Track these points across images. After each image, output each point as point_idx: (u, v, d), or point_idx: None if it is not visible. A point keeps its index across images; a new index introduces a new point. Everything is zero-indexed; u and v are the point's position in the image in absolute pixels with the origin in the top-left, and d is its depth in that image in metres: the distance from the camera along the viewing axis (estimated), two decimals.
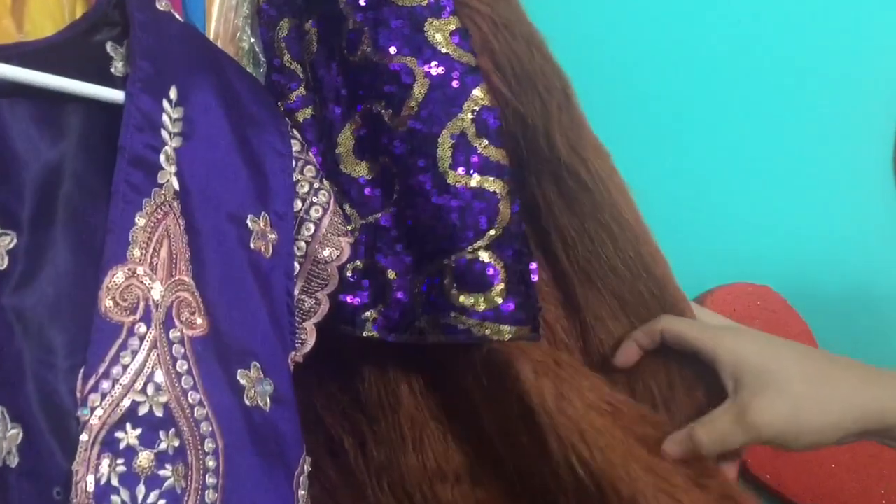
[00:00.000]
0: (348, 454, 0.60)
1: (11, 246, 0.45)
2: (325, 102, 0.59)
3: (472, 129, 0.55)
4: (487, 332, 0.53)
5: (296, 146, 0.57)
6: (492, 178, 0.55)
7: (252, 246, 0.53)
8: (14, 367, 0.43)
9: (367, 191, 0.58)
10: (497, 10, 0.58)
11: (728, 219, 0.83)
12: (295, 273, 0.55)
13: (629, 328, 0.59)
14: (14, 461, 0.42)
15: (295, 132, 0.58)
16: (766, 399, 0.53)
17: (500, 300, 0.53)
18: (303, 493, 0.51)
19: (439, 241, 0.55)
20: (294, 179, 0.56)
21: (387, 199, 0.57)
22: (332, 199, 0.57)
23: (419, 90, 0.55)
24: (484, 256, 0.54)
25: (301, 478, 0.51)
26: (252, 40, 0.60)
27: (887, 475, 0.80)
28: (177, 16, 0.54)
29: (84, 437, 0.42)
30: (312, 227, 0.56)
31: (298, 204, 0.56)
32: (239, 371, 0.49)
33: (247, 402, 0.49)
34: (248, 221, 0.53)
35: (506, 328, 0.53)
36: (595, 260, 0.59)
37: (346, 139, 0.58)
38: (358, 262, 0.57)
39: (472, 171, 0.55)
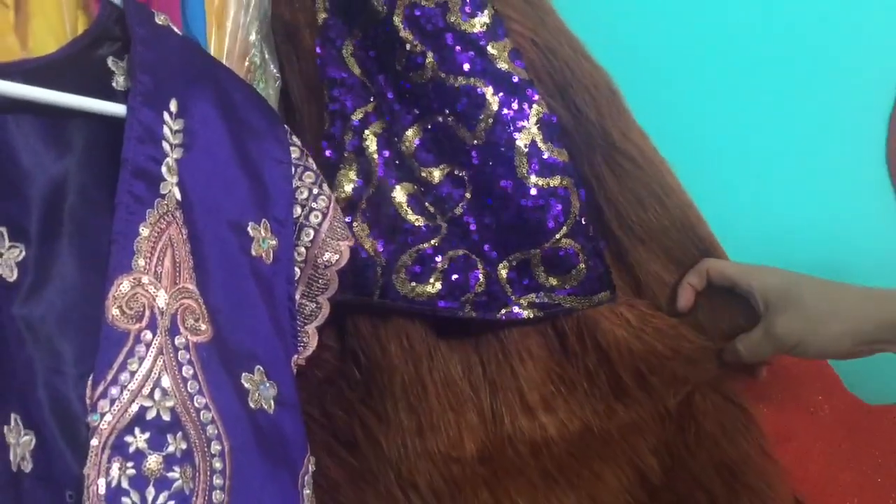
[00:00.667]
0: (358, 448, 0.62)
1: (20, 258, 0.46)
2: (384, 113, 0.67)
3: (539, 136, 0.64)
4: (577, 304, 0.66)
5: (294, 153, 0.58)
6: (560, 177, 0.64)
7: (253, 252, 0.54)
8: (26, 375, 0.45)
9: (444, 191, 0.66)
10: (537, 32, 0.67)
11: (722, 216, 0.85)
12: (296, 278, 0.56)
13: (680, 279, 0.71)
14: (28, 466, 0.43)
15: (294, 139, 0.59)
16: (786, 316, 0.66)
17: (583, 276, 0.65)
18: (308, 492, 0.53)
19: (525, 236, 0.65)
20: (293, 186, 0.57)
21: (460, 199, 0.65)
22: (331, 205, 0.58)
23: (490, 107, 0.64)
24: (565, 243, 0.65)
25: (306, 477, 0.53)
26: (267, 56, 0.62)
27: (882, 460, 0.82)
28: (175, 30, 0.56)
29: (94, 441, 0.44)
30: (312, 232, 0.57)
31: (298, 210, 0.57)
32: (243, 375, 0.51)
33: (251, 404, 0.51)
34: (249, 229, 0.54)
35: (592, 298, 0.66)
36: (647, 225, 0.69)
37: (408, 146, 0.65)
38: (451, 253, 0.64)
39: (545, 173, 0.64)
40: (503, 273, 0.65)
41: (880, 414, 0.83)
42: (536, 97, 0.64)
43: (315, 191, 0.58)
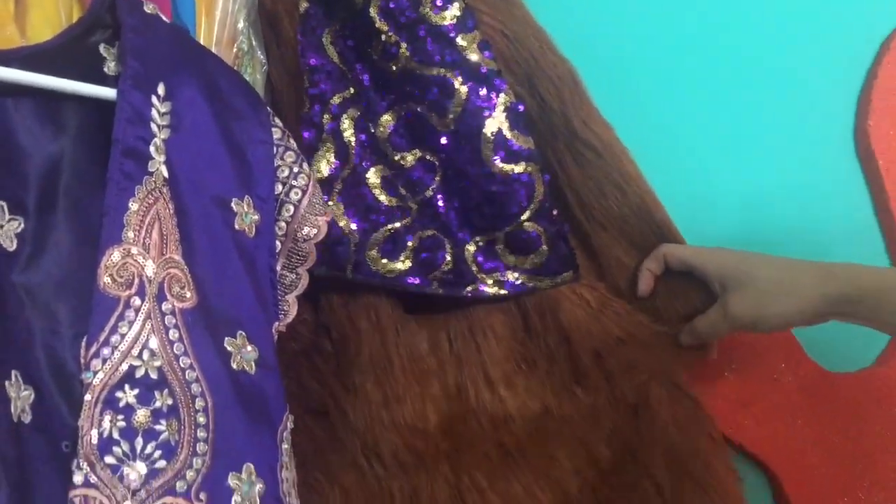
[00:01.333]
0: (328, 418, 0.66)
1: (19, 230, 0.51)
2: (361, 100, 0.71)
3: (506, 124, 0.69)
4: (540, 283, 0.70)
5: (276, 134, 0.62)
6: (525, 163, 0.69)
7: (236, 226, 0.58)
8: (25, 336, 0.49)
9: (415, 175, 0.69)
10: (506, 24, 0.71)
11: (692, 192, 0.88)
12: (277, 250, 0.61)
13: (640, 263, 0.74)
14: (28, 418, 0.48)
15: (276, 121, 0.63)
16: (739, 294, 0.70)
17: (545, 257, 0.70)
18: (286, 446, 0.57)
19: (489, 219, 0.70)
20: (275, 165, 0.61)
21: (431, 182, 0.69)
22: (310, 182, 0.62)
23: (459, 96, 0.68)
24: (528, 226, 0.70)
25: (284, 433, 0.57)
26: (254, 43, 0.66)
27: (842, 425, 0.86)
28: (164, 18, 0.59)
29: (88, 397, 0.48)
30: (292, 208, 0.61)
31: (279, 187, 0.61)
32: (226, 339, 0.55)
33: (234, 366, 0.55)
34: (233, 204, 0.58)
35: (555, 278, 0.71)
36: (608, 212, 0.73)
37: (383, 132, 0.70)
38: (421, 232, 0.69)
39: (510, 160, 0.69)
40: (470, 252, 0.69)
41: (841, 381, 0.87)
42: (504, 86, 0.68)
43: (295, 169, 0.62)
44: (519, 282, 0.70)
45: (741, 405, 0.84)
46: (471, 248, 0.70)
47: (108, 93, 0.55)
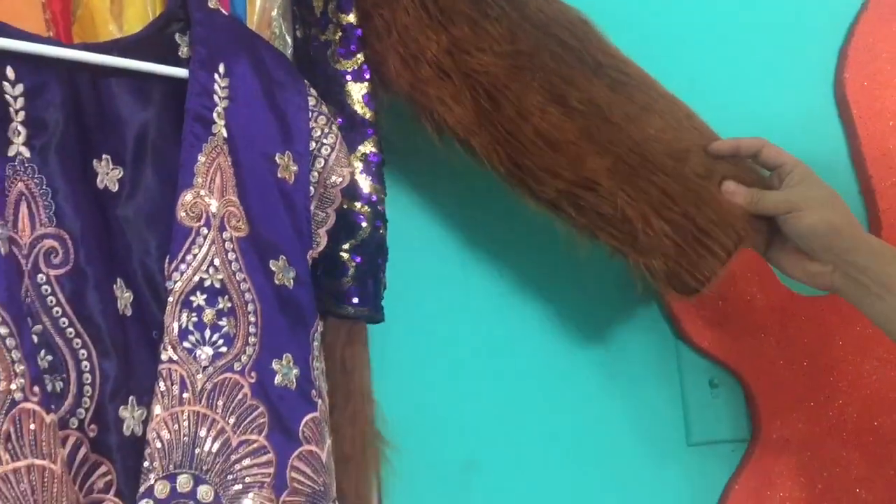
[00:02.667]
0: None
1: (120, 176, 0.68)
2: None
3: (360, 167, 0.81)
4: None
5: (311, 101, 0.78)
6: (363, 204, 0.81)
7: (279, 175, 0.75)
8: (125, 254, 0.67)
9: None
10: None
11: None
12: (311, 194, 0.77)
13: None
14: (129, 312, 0.66)
15: (311, 90, 0.79)
16: (803, 186, 0.82)
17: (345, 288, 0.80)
18: (317, 343, 0.74)
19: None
20: (310, 126, 0.78)
21: None
22: (338, 140, 0.78)
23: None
24: (345, 256, 0.80)
25: (315, 334, 0.74)
26: (283, 27, 0.82)
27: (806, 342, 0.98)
28: (223, 11, 0.76)
29: (170, 299, 0.66)
30: (323, 161, 0.78)
31: (313, 144, 0.77)
32: (271, 261, 0.72)
33: (276, 281, 0.72)
34: (277, 158, 0.75)
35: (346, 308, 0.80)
36: (657, 126, 0.83)
37: None
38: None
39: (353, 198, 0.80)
40: None
41: (808, 303, 0.99)
42: (372, 135, 0.81)
43: (326, 130, 0.78)
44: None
45: (718, 323, 0.96)
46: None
47: (182, 72, 0.72)
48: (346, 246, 0.80)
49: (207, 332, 0.67)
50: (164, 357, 0.65)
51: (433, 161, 0.87)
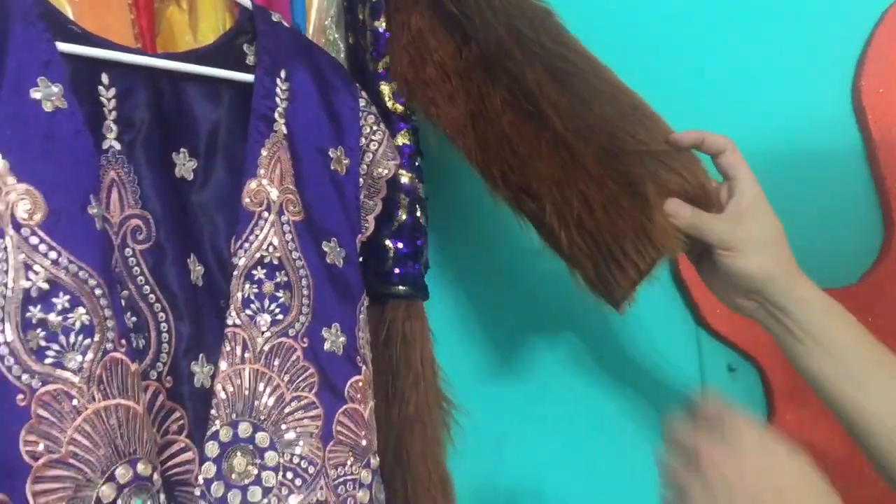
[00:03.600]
0: None
1: (195, 167, 0.79)
2: None
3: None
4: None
5: (362, 102, 0.88)
6: (400, 192, 0.90)
7: (332, 167, 0.85)
8: (198, 234, 0.78)
9: None
10: None
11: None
12: (360, 185, 0.87)
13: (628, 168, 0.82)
14: (200, 283, 0.77)
15: (362, 93, 0.89)
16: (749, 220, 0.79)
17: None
18: (363, 317, 0.84)
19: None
20: (360, 125, 0.88)
21: None
22: (385, 137, 0.88)
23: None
24: (386, 242, 0.90)
25: (361, 307, 0.84)
26: (336, 35, 0.92)
27: None
28: (285, 24, 0.86)
29: (235, 273, 0.77)
30: (371, 155, 0.87)
31: (362, 140, 0.87)
32: (323, 243, 0.82)
33: (328, 261, 0.82)
34: (330, 152, 0.85)
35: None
36: (592, 117, 0.82)
37: None
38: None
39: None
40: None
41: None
42: (406, 128, 0.90)
43: (374, 128, 0.88)
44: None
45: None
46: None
47: (249, 78, 0.82)
48: (386, 232, 0.90)
49: (266, 302, 0.77)
50: (229, 322, 0.75)
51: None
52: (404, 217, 0.91)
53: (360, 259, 0.86)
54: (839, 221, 1.07)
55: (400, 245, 0.90)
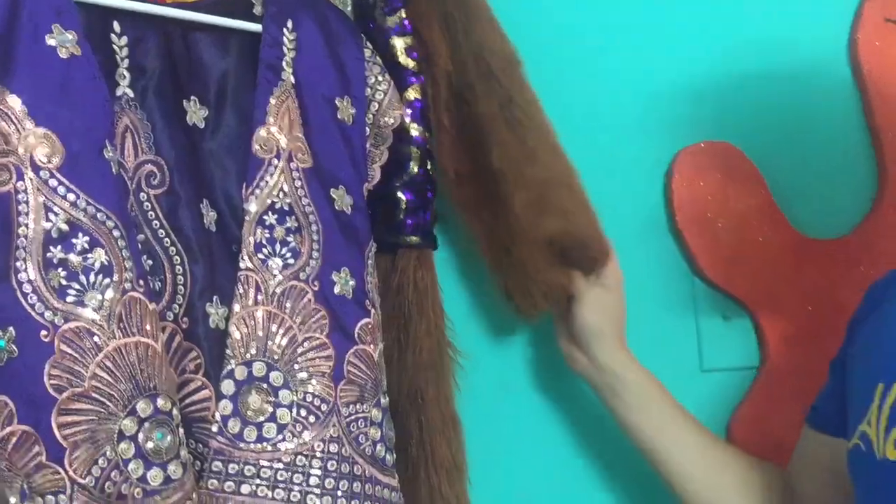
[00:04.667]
0: None
1: (206, 115, 0.80)
2: None
3: (408, 112, 0.92)
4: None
5: (367, 53, 0.89)
6: (410, 145, 0.92)
7: (339, 117, 0.86)
8: (210, 180, 0.79)
9: None
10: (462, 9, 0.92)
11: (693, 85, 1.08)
12: (367, 134, 0.88)
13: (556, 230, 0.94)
14: (213, 228, 0.78)
15: (367, 44, 0.90)
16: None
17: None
18: (370, 262, 0.86)
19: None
20: (365, 74, 0.89)
21: None
22: (390, 87, 0.90)
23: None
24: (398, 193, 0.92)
25: (369, 253, 0.85)
26: None
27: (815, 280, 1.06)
28: None
29: (247, 218, 0.78)
30: (377, 104, 0.89)
31: (368, 90, 0.88)
32: (331, 189, 0.84)
33: (336, 207, 0.84)
34: (337, 101, 0.86)
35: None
36: (527, 160, 0.93)
37: None
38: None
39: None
40: None
41: (819, 246, 1.07)
42: (417, 83, 0.91)
43: (380, 78, 0.89)
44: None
45: (731, 261, 1.05)
46: None
47: (256, 27, 0.83)
48: (398, 184, 0.92)
49: (278, 246, 0.79)
50: (241, 266, 0.77)
51: None
52: (416, 169, 0.93)
53: (370, 209, 0.88)
54: (833, 173, 1.09)
55: (411, 196, 0.92)
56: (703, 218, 1.05)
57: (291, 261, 0.79)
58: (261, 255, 0.78)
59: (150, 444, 0.67)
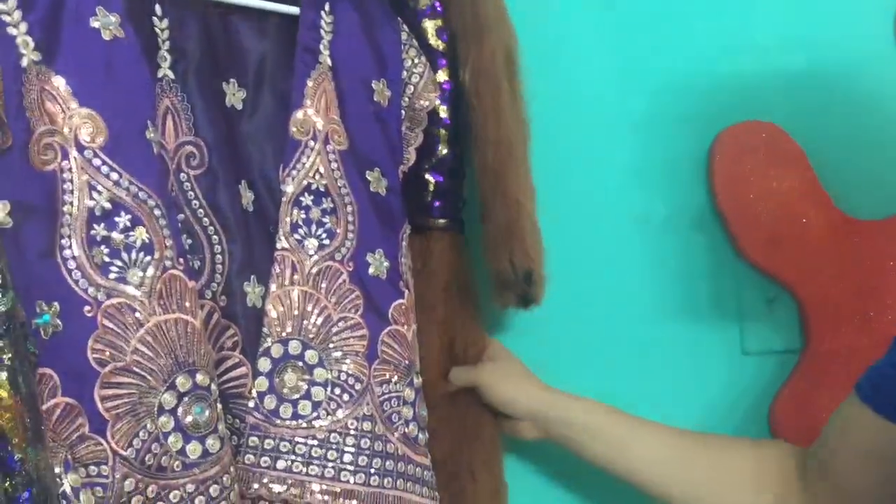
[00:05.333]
0: None
1: (244, 97, 0.82)
2: None
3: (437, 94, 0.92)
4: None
5: (403, 36, 0.90)
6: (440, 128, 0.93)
7: (375, 99, 0.87)
8: (248, 161, 0.80)
9: None
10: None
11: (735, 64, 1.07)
12: (402, 117, 0.89)
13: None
14: (251, 208, 0.80)
15: (404, 26, 0.91)
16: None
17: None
18: (404, 243, 0.86)
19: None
20: (402, 57, 0.89)
21: None
22: (426, 70, 0.90)
23: None
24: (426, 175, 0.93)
25: (404, 235, 0.86)
26: None
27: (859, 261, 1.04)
28: None
29: (284, 199, 0.80)
30: (412, 87, 0.89)
31: (404, 73, 0.89)
32: (367, 172, 0.85)
33: (371, 189, 0.85)
34: (373, 84, 0.87)
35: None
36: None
37: None
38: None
39: None
40: None
41: (863, 226, 1.04)
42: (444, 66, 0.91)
43: (416, 61, 0.90)
44: None
45: (775, 243, 1.03)
46: None
47: (294, 10, 0.84)
48: (426, 166, 0.93)
49: (314, 227, 0.80)
50: (278, 246, 0.79)
51: None
52: (445, 151, 0.93)
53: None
54: (878, 152, 1.07)
55: (440, 178, 0.92)
56: (746, 199, 1.04)
57: (327, 241, 0.80)
58: (297, 236, 0.79)
59: (188, 419, 0.68)
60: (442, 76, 0.93)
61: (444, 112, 0.93)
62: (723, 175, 1.05)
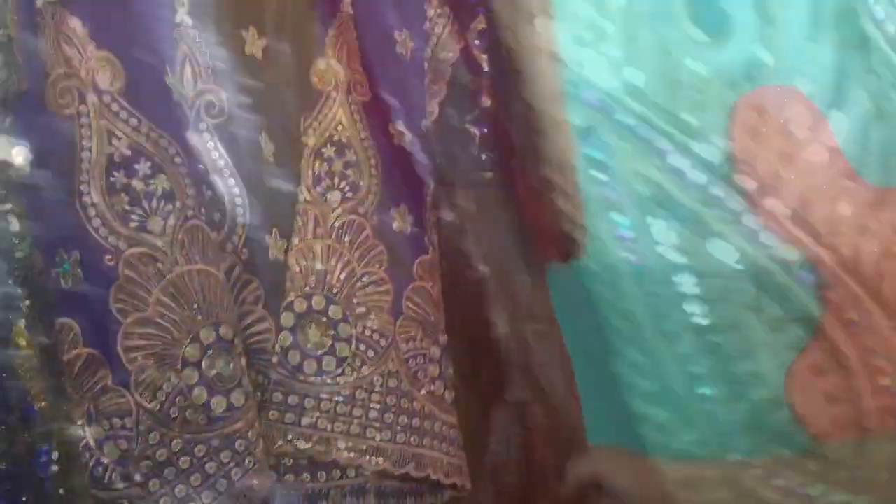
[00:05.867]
0: None
1: (264, 45, 0.78)
2: None
3: (476, 43, 0.90)
4: None
5: None
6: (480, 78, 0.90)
7: (398, 50, 0.84)
8: (269, 112, 0.78)
9: None
10: None
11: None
12: (425, 68, 0.87)
13: None
14: (272, 160, 0.78)
15: None
16: None
17: None
18: (430, 199, 0.84)
19: None
20: (424, 8, 0.87)
21: None
22: (449, 20, 0.87)
23: None
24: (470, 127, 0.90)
25: (427, 190, 0.84)
26: None
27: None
28: None
29: (306, 151, 0.77)
30: (435, 39, 0.87)
31: (427, 24, 0.87)
32: (389, 124, 0.83)
33: (395, 142, 0.82)
34: (396, 35, 0.84)
35: None
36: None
37: None
38: None
39: None
40: None
41: (888, 195, 1.03)
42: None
43: (438, 11, 0.87)
44: None
45: (799, 218, 1.03)
46: None
47: None
48: (469, 118, 0.90)
49: (336, 179, 0.78)
50: (300, 198, 0.76)
51: None
52: (489, 102, 0.90)
53: (439, 145, 0.86)
54: None
55: (484, 130, 0.90)
56: (768, 167, 1.02)
57: (350, 194, 0.78)
58: (319, 189, 0.77)
59: (213, 372, 0.66)
60: (479, 25, 0.89)
61: (483, 61, 0.90)
62: (744, 142, 1.01)
